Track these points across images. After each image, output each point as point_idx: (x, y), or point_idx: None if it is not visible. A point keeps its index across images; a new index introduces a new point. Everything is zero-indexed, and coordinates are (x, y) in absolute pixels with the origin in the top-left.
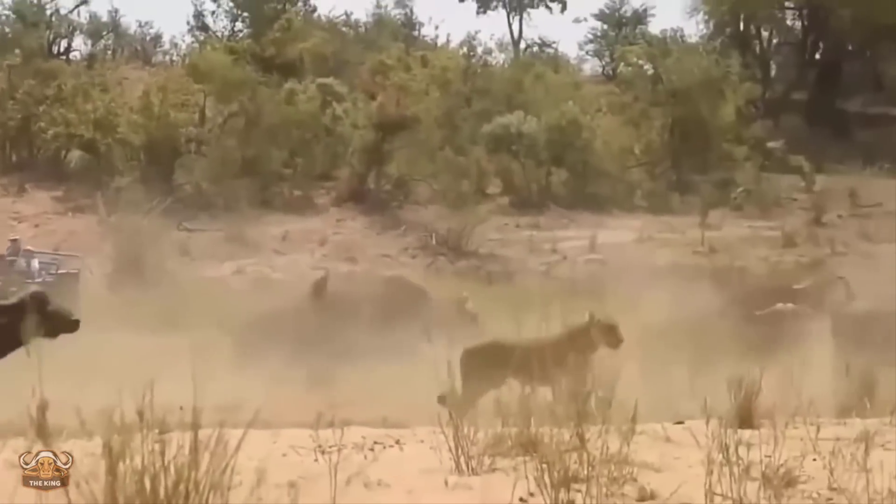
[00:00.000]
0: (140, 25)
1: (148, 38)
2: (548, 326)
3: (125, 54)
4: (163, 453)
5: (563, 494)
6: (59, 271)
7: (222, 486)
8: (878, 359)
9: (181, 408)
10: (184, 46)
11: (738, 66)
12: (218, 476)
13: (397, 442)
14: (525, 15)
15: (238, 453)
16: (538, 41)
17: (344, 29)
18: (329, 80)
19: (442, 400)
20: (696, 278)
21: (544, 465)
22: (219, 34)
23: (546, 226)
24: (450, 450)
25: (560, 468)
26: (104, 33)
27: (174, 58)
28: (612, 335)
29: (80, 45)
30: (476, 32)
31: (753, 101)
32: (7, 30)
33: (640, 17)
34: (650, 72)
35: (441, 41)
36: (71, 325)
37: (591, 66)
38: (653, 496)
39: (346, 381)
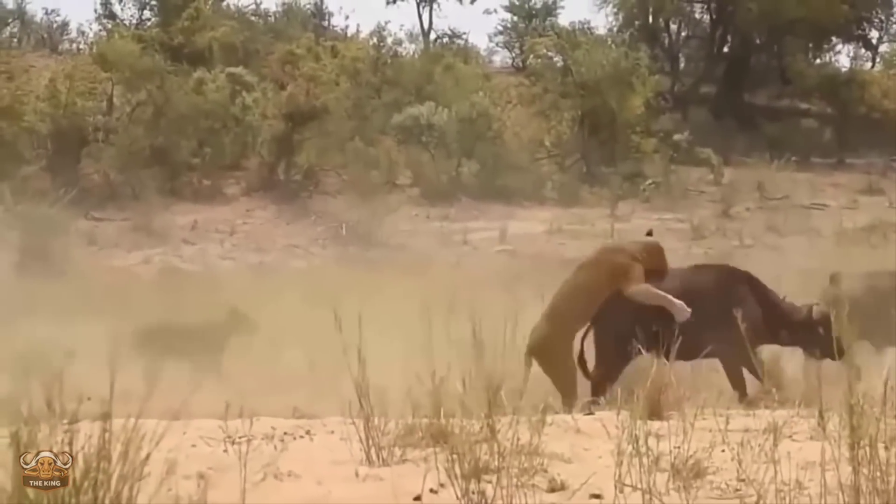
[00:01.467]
0: (46, 13)
1: (54, 25)
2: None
3: (31, 42)
4: (71, 443)
5: (473, 485)
6: None
7: (132, 477)
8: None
9: (89, 398)
10: (91, 34)
11: (646, 58)
12: (129, 467)
13: (307, 433)
14: (435, 6)
15: (150, 444)
16: (448, 32)
17: (253, 18)
18: (238, 70)
19: None
20: None
21: (455, 456)
22: (126, 22)
23: (456, 217)
24: (360, 440)
25: (470, 459)
26: (10, 21)
27: (81, 46)
28: None
29: None
30: (386, 23)
31: (662, 93)
32: None
33: (550, 9)
34: (560, 64)
35: (351, 31)
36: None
37: (501, 58)
38: (563, 487)
39: None
